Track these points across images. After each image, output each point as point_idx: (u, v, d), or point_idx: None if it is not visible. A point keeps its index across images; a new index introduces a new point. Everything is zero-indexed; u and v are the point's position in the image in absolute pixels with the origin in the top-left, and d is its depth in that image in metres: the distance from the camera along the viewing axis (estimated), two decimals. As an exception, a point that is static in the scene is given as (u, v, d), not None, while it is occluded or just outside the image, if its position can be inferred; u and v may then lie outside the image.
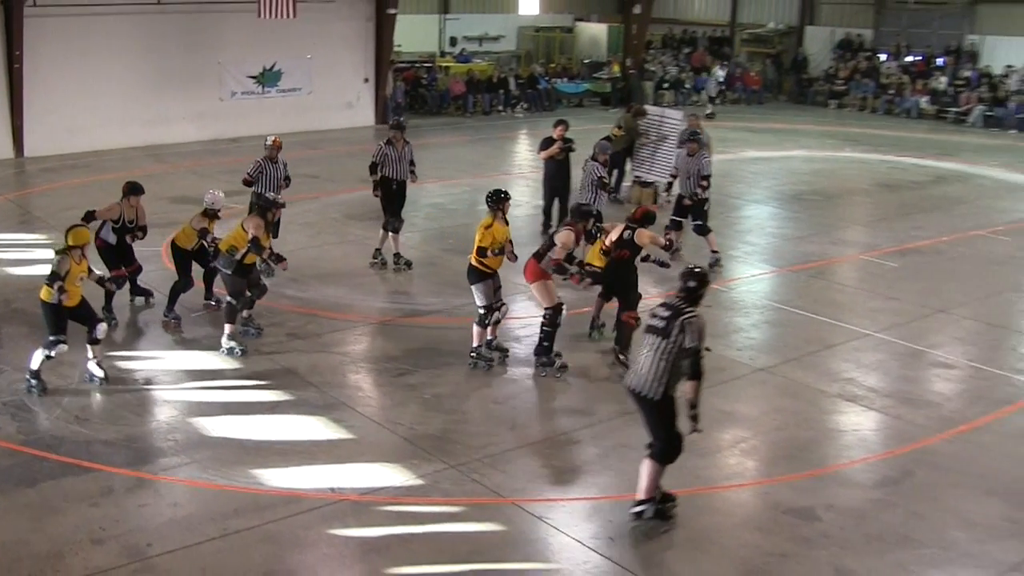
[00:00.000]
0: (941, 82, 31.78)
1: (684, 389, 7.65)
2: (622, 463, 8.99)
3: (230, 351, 11.06)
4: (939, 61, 32.54)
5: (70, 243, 9.86)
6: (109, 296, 11.72)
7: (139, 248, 12.36)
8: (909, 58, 33.28)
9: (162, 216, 14.99)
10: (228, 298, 11.24)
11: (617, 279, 11.30)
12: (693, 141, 15.14)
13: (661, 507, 7.91)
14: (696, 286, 7.74)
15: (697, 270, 7.88)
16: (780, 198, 20.12)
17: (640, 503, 7.90)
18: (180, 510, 8.00)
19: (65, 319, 9.87)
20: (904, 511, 8.32)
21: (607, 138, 16.57)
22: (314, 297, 13.13)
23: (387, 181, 14.30)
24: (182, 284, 12.01)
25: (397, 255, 14.37)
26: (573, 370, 10.96)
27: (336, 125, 25.72)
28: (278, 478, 8.51)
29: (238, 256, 11.12)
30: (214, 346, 11.19)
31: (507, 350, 11.28)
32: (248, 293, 11.38)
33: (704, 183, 14.75)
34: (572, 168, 15.79)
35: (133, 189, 11.95)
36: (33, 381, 9.91)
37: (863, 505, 8.45)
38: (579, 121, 21.26)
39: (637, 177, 18.76)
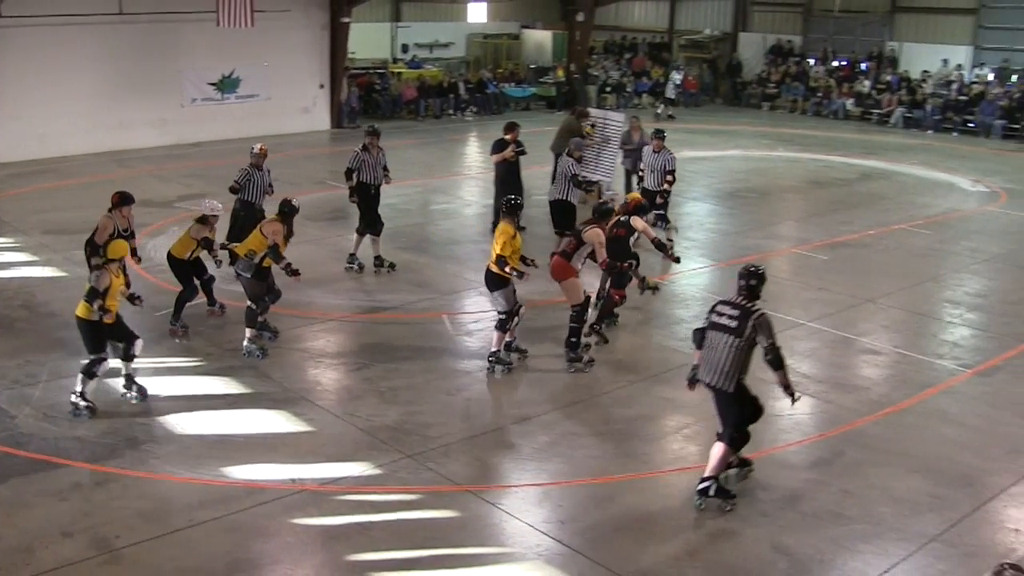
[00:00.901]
0: (865, 85, 32.16)
1: (776, 379, 7.95)
2: (571, 450, 9.03)
3: (249, 354, 10.87)
4: (863, 66, 32.93)
5: (108, 256, 9.43)
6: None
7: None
8: (835, 63, 33.65)
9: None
10: (248, 302, 10.93)
11: (612, 257, 11.26)
12: (658, 138, 15.40)
13: (723, 483, 8.19)
14: (757, 283, 8.04)
15: (755, 268, 8.16)
16: (718, 195, 20.27)
17: (705, 480, 8.13)
18: (147, 503, 7.90)
19: (105, 336, 9.31)
20: (836, 490, 8.42)
21: (581, 136, 16.83)
22: (273, 295, 13.00)
23: (364, 187, 14.08)
24: (187, 293, 11.53)
25: (378, 258, 14.11)
26: (525, 361, 10.97)
27: (293, 129, 25.54)
28: (241, 470, 8.43)
29: (257, 260, 10.86)
30: (179, 347, 11.09)
31: (526, 351, 11.12)
32: (265, 298, 11.05)
33: (670, 177, 15.06)
34: (522, 170, 15.85)
35: (124, 199, 11.24)
36: (81, 403, 9.26)
37: (798, 485, 8.55)
38: (526, 124, 21.23)
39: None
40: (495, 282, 10.55)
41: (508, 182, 15.69)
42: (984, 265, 15.56)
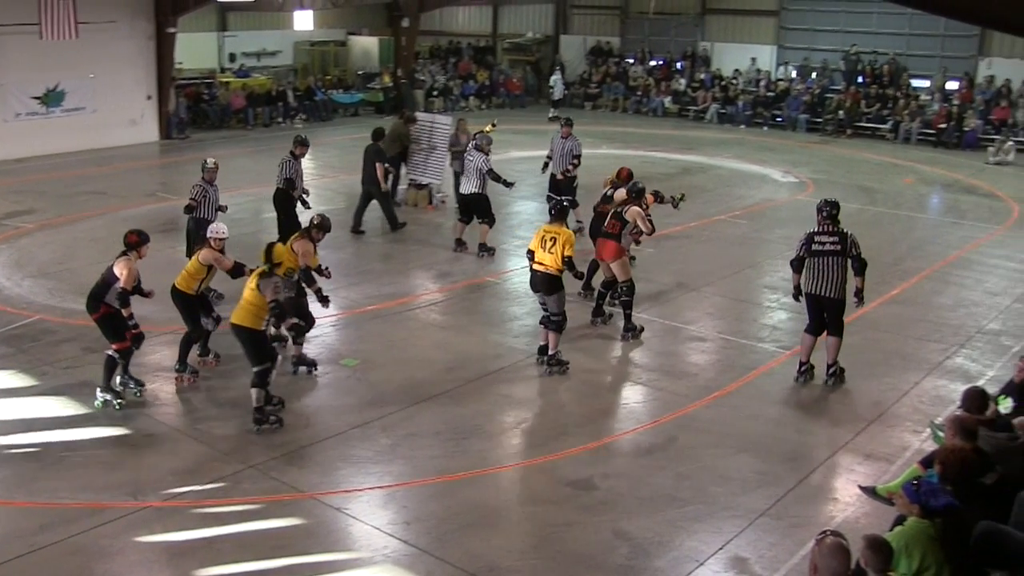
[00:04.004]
0: (681, 84, 33.26)
1: (858, 283, 10.26)
2: (412, 451, 8.98)
3: (296, 372, 10.48)
4: (678, 65, 34.08)
5: (274, 260, 9.62)
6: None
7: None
8: (653, 63, 34.70)
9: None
10: (293, 319, 10.35)
11: (596, 231, 12.31)
12: (567, 126, 16.75)
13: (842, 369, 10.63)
14: (835, 211, 10.34)
15: (831, 200, 10.47)
16: (544, 195, 20.47)
17: (831, 367, 10.54)
18: (-20, 532, 7.47)
19: (269, 343, 9.64)
20: (671, 473, 8.65)
21: (407, 140, 17.64)
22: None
23: (291, 196, 14.04)
24: (196, 334, 10.41)
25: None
26: (362, 364, 10.85)
27: (121, 142, 24.57)
28: (81, 490, 8.10)
29: (296, 278, 10.34)
30: (12, 367, 10.55)
31: (568, 363, 11.04)
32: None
33: (576, 161, 16.32)
34: (349, 175, 15.88)
35: (144, 239, 9.93)
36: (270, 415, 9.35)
37: (635, 471, 8.73)
38: (355, 129, 21.04)
39: (412, 180, 18.72)
40: (551, 285, 10.70)
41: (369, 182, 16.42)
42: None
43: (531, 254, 10.82)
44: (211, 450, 8.90)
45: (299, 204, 14.37)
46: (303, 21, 34.16)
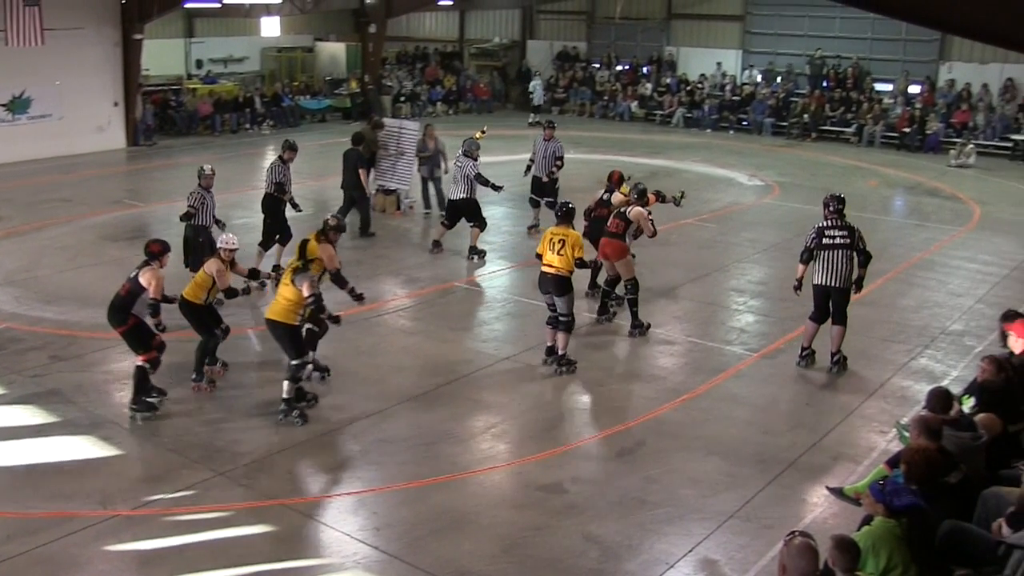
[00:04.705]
0: (647, 88, 33.39)
1: (859, 271, 10.88)
2: (382, 456, 8.96)
3: (309, 378, 10.31)
4: (644, 70, 34.22)
5: (308, 256, 9.75)
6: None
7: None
8: (619, 67, 34.82)
9: None
10: (329, 313, 10.11)
11: (595, 234, 12.51)
12: (550, 128, 17.25)
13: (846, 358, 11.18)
14: (842, 206, 10.89)
15: (838, 195, 11.00)
16: (512, 199, 20.41)
17: (835, 354, 11.09)
18: (-55, 545, 7.36)
19: (305, 340, 9.69)
20: (640, 477, 8.67)
21: (375, 145, 17.52)
22: (74, 319, 12.36)
23: (281, 201, 14.01)
24: (211, 343, 10.29)
25: (276, 266, 13.47)
26: (331, 368, 10.80)
27: (88, 149, 24.31)
28: (50, 499, 8.02)
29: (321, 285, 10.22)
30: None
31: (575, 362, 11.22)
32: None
33: (559, 163, 16.74)
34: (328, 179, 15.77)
35: (165, 248, 9.77)
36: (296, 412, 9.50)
37: (604, 475, 8.76)
38: (323, 135, 20.96)
39: (381, 186, 18.67)
40: (561, 286, 10.85)
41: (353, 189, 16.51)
42: (763, 254, 16.42)
43: (539, 256, 11.06)
44: (181, 458, 8.82)
45: (289, 207, 14.30)
46: (270, 27, 34.03)
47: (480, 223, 15.56)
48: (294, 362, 9.46)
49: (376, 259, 15.62)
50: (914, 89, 29.36)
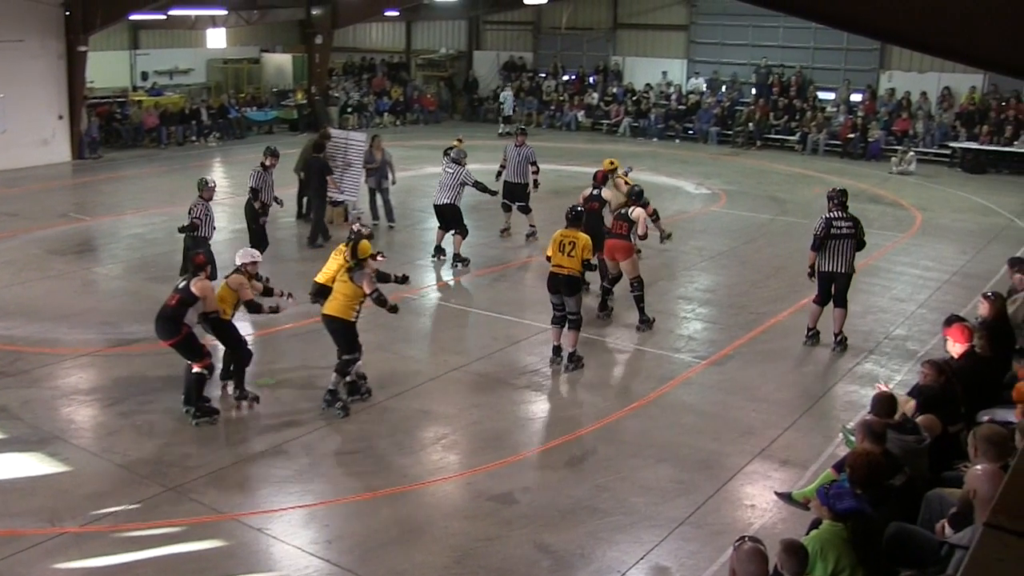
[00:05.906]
0: (594, 98, 33.62)
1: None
2: (332, 469, 8.94)
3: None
4: (591, 79, 34.45)
5: (360, 256, 9.92)
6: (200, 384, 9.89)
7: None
8: (565, 77, 35.03)
9: None
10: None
11: (590, 230, 12.31)
12: (521, 135, 17.85)
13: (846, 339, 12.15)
14: (844, 198, 11.93)
15: (839, 189, 12.12)
16: (477, 208, 20.47)
17: (837, 335, 12.08)
18: None
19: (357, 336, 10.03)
20: (591, 485, 8.72)
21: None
22: (21, 334, 12.17)
23: (263, 206, 14.00)
24: (245, 358, 10.24)
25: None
26: (278, 383, 10.73)
27: (32, 162, 23.97)
28: (-6, 519, 7.87)
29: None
30: None
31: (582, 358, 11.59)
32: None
33: (535, 168, 17.29)
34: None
35: (209, 259, 10.04)
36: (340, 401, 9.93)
37: (555, 484, 8.78)
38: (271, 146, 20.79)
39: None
40: (571, 286, 11.23)
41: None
42: (711, 262, 16.59)
43: (548, 259, 11.45)
44: (129, 473, 8.73)
45: (260, 214, 14.36)
46: (216, 39, 33.84)
47: (462, 230, 15.77)
48: (345, 356, 9.88)
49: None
50: (856, 97, 29.93)
